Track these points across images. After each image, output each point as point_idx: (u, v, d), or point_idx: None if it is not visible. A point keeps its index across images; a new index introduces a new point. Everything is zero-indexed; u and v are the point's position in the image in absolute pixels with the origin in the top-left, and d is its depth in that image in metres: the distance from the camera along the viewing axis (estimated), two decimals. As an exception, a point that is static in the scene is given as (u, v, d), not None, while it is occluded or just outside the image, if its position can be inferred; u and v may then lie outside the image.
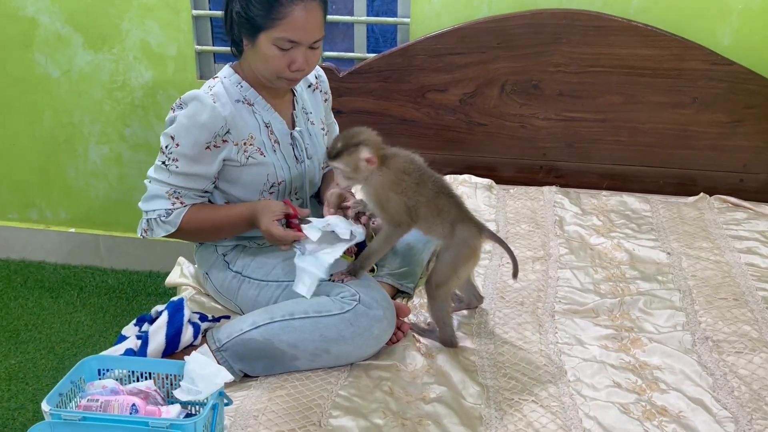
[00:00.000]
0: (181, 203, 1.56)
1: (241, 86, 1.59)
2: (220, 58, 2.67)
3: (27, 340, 2.44)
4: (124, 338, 1.53)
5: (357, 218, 1.51)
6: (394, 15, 2.46)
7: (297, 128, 1.66)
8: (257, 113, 1.60)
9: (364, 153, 1.41)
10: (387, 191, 1.44)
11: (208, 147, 1.53)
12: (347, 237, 1.46)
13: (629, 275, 1.83)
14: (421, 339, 1.57)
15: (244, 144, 1.57)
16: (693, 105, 2.24)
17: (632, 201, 2.24)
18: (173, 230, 1.56)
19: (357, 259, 1.52)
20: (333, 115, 1.87)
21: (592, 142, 2.34)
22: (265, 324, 1.44)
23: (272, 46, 1.49)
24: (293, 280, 1.54)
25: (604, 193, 2.30)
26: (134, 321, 1.59)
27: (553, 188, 2.30)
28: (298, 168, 1.65)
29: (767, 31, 2.19)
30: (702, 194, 2.26)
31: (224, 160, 1.57)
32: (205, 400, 1.19)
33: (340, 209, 1.55)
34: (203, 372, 1.20)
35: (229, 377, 1.19)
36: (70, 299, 2.69)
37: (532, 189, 2.32)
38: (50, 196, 2.89)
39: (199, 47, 2.55)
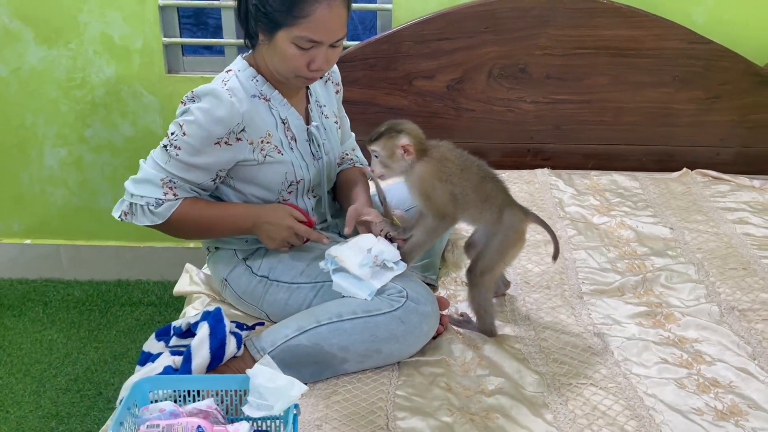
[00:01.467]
0: (174, 195, 1.45)
1: (257, 80, 1.49)
2: (189, 51, 2.53)
3: (-4, 364, 2.24)
4: (149, 355, 1.41)
5: (390, 240, 1.47)
6: (375, 1, 2.39)
7: (313, 123, 1.58)
8: (274, 109, 1.51)
9: (403, 140, 1.39)
10: (432, 179, 1.42)
11: (218, 143, 1.43)
12: (395, 263, 1.43)
13: (641, 252, 1.87)
14: (461, 330, 1.55)
15: (261, 142, 1.48)
16: (673, 83, 2.31)
17: (622, 179, 2.29)
18: (160, 222, 1.45)
19: (402, 248, 1.49)
20: (344, 109, 1.79)
21: (579, 123, 2.37)
22: (312, 328, 1.37)
23: (291, 44, 1.40)
24: (327, 281, 1.48)
25: (593, 172, 2.34)
26: (153, 336, 1.48)
27: (546, 171, 2.32)
28: (315, 165, 1.58)
29: (738, 9, 2.28)
30: (684, 169, 2.34)
31: (239, 162, 1.47)
32: (281, 414, 1.11)
33: (362, 225, 1.50)
34: (272, 385, 1.13)
35: (305, 388, 1.12)
36: (36, 316, 2.49)
37: (525, 172, 2.33)
38: (0, 206, 2.65)
39: (167, 39, 2.40)
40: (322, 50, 1.43)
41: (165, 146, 1.43)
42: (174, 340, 1.42)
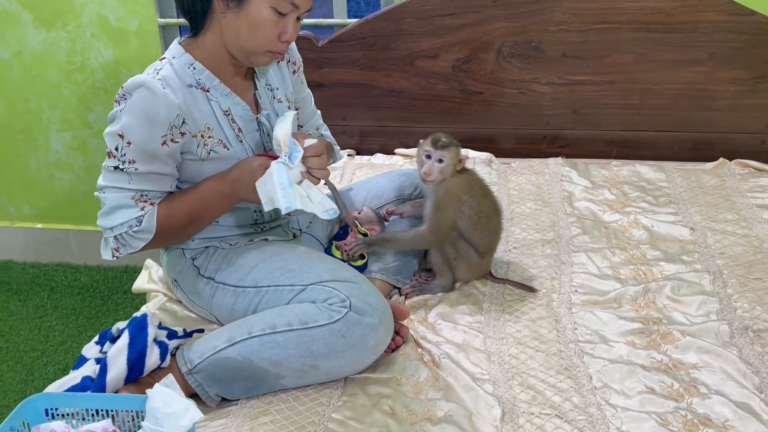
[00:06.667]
0: (151, 204, 1.33)
1: (194, 68, 1.34)
2: (187, 32, 2.42)
3: (-7, 350, 2.25)
4: (84, 360, 1.33)
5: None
6: (376, -26, 2.22)
7: (264, 112, 1.43)
8: (213, 100, 1.35)
9: (463, 153, 1.50)
10: (454, 196, 1.48)
11: (164, 143, 1.29)
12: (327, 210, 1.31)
13: (651, 256, 1.65)
14: (424, 297, 1.54)
15: (202, 136, 1.34)
16: (710, 61, 2.03)
17: (646, 170, 2.04)
18: (152, 237, 1.33)
19: (375, 235, 1.52)
20: (307, 87, 1.62)
21: (600, 107, 2.13)
22: (242, 340, 1.24)
23: (270, 8, 1.26)
24: (273, 285, 1.35)
25: (615, 162, 2.10)
26: (96, 338, 1.39)
27: (559, 160, 2.10)
28: None
29: (790, -25, 1.98)
30: (721, 159, 2.07)
31: (182, 154, 1.34)
32: (172, 444, 0.99)
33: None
34: (169, 410, 1.01)
35: (199, 416, 1.00)
36: (40, 302, 2.49)
37: (536, 162, 2.11)
38: (12, 190, 2.67)
39: (163, 20, 2.31)
40: (293, 20, 1.30)
41: (116, 167, 1.30)
42: (107, 346, 1.32)
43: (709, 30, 1.99)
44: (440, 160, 1.44)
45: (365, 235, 1.52)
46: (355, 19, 2.20)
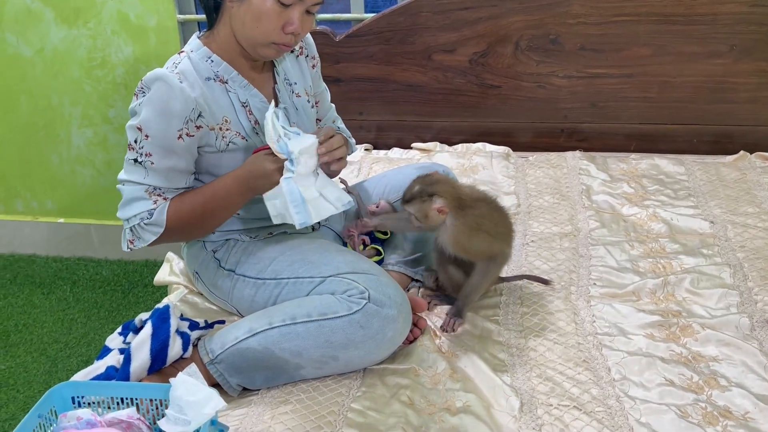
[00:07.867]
0: (164, 199, 1.35)
1: (212, 61, 1.35)
2: (205, 28, 2.44)
3: (17, 342, 2.28)
4: (108, 350, 1.35)
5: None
6: (393, -31, 2.22)
7: (282, 105, 1.44)
8: (231, 92, 1.37)
9: (437, 203, 1.33)
10: (466, 233, 1.36)
11: (180, 136, 1.30)
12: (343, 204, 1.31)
13: (670, 249, 1.64)
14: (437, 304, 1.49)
15: (221, 129, 1.36)
16: (730, 53, 2.01)
17: (665, 163, 2.03)
18: (162, 231, 1.35)
19: (458, 300, 1.41)
20: (324, 82, 1.63)
21: (618, 100, 2.12)
22: (263, 330, 1.26)
23: None
24: (292, 277, 1.36)
25: (633, 155, 2.09)
26: (119, 329, 1.42)
27: (577, 153, 2.10)
28: None
29: (812, -35, 1.95)
30: (742, 152, 2.06)
31: (200, 147, 1.36)
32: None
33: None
34: (192, 398, 1.03)
35: (221, 404, 1.02)
36: (63, 295, 2.53)
37: (554, 155, 2.11)
38: (35, 185, 2.71)
39: (182, 16, 2.33)
40: (298, 10, 1.29)
41: (135, 160, 1.32)
42: (130, 337, 1.35)
43: (730, 22, 1.98)
44: (410, 214, 1.37)
45: (380, 241, 1.53)
46: (372, 14, 2.21)
